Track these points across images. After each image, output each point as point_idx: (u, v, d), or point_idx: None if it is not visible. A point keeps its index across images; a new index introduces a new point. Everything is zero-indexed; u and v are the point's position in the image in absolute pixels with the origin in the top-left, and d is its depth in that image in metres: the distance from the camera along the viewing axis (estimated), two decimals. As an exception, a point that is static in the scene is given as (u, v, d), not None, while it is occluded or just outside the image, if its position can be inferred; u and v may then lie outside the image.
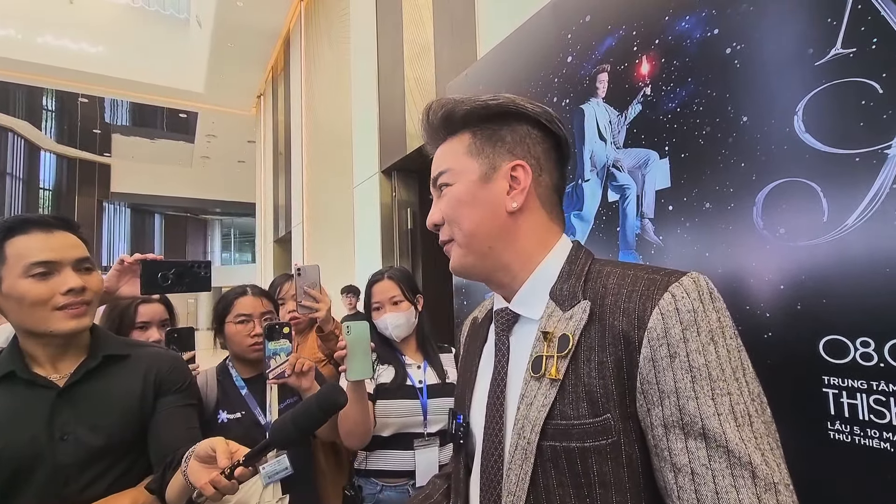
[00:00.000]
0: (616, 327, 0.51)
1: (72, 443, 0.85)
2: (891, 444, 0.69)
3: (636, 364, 0.49)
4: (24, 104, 17.11)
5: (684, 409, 0.46)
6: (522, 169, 0.60)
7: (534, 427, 0.52)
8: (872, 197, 0.71)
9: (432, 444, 1.35)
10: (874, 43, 0.71)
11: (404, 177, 3.25)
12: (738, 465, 0.44)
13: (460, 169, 0.62)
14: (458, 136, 0.63)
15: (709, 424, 0.45)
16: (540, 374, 0.54)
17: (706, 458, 0.45)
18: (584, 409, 0.50)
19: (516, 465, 0.53)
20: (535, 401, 0.53)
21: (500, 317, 0.63)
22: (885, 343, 0.69)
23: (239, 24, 6.91)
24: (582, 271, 0.58)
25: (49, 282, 0.84)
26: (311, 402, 0.75)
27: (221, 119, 11.76)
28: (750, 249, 0.87)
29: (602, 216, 1.21)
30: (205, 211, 23.30)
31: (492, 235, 0.60)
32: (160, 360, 1.02)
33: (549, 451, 0.51)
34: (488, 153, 0.61)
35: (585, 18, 1.28)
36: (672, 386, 0.47)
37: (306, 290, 1.41)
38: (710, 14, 0.95)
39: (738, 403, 0.46)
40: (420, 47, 2.85)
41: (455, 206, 0.61)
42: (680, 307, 0.48)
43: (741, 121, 0.89)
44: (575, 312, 0.54)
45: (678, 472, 0.46)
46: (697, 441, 0.46)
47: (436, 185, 0.64)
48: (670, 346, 0.47)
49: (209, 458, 0.74)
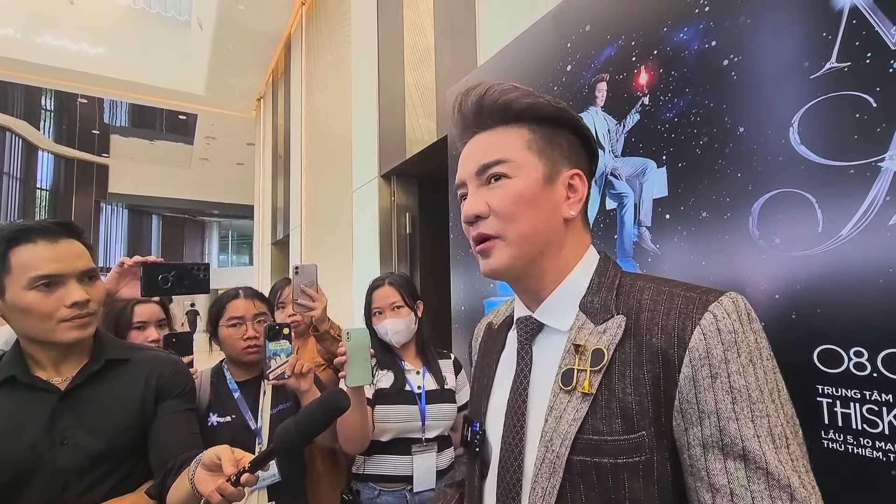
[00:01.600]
0: (654, 345, 0.50)
1: (72, 447, 0.85)
2: (883, 452, 0.69)
3: (675, 382, 0.49)
4: (22, 104, 17.10)
5: (724, 430, 0.46)
6: (580, 178, 0.60)
7: (563, 441, 0.51)
8: (866, 208, 0.72)
9: (430, 450, 1.35)
10: (868, 57, 0.72)
11: (403, 181, 3.26)
12: (776, 488, 0.44)
13: (521, 163, 0.57)
14: (513, 127, 0.59)
15: (749, 446, 0.45)
16: (570, 388, 0.53)
17: (745, 480, 0.45)
18: (618, 426, 0.50)
19: (543, 479, 0.52)
20: (566, 414, 0.52)
21: (524, 325, 0.62)
22: (879, 353, 0.70)
23: (240, 26, 6.93)
24: (613, 284, 0.58)
25: (54, 294, 0.84)
26: (314, 406, 0.75)
27: (221, 121, 11.77)
28: (746, 259, 0.88)
29: (600, 224, 1.22)
30: (203, 213, 23.28)
31: (544, 241, 0.58)
32: (161, 364, 1.02)
33: (579, 466, 0.50)
34: (549, 155, 0.59)
35: (585, 28, 1.30)
36: (713, 406, 0.47)
37: (303, 289, 1.41)
38: (708, 26, 0.97)
39: (776, 426, 0.46)
40: (421, 53, 2.87)
41: (515, 201, 0.56)
42: (721, 328, 0.48)
43: (738, 131, 0.90)
44: (609, 327, 0.53)
45: (716, 492, 0.46)
46: (737, 462, 0.46)
47: (482, 174, 0.59)
48: (712, 366, 0.47)
49: (214, 465, 0.74)
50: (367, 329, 1.25)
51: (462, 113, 0.61)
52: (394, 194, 3.24)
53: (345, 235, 3.98)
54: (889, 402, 0.69)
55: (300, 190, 5.80)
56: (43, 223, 0.88)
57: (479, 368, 0.71)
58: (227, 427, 1.24)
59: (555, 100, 0.59)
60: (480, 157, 0.59)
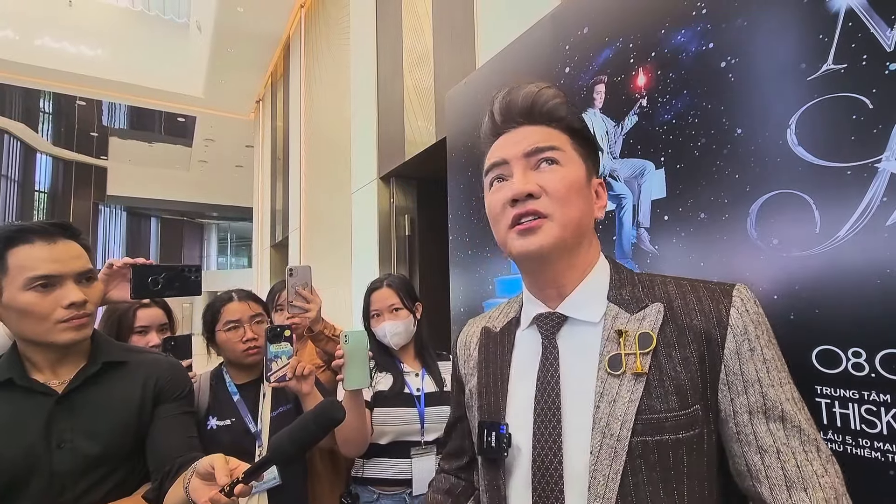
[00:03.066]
0: (696, 326, 0.55)
1: (69, 451, 0.85)
2: (882, 453, 0.69)
3: (719, 357, 0.54)
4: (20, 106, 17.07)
5: (766, 395, 0.52)
6: (602, 188, 0.67)
7: (623, 423, 0.53)
8: (863, 209, 0.73)
9: (429, 453, 1.35)
10: (864, 59, 0.73)
11: (402, 183, 3.26)
12: (807, 442, 0.52)
13: (571, 157, 0.62)
14: (556, 129, 0.64)
15: (786, 408, 0.52)
16: (620, 372, 0.55)
17: (785, 438, 0.51)
18: (674, 402, 0.53)
19: (603, 465, 0.52)
20: (620, 397, 0.54)
21: (546, 321, 0.64)
22: (877, 353, 0.70)
23: (239, 29, 6.93)
24: (633, 280, 0.63)
25: (51, 295, 0.84)
26: (309, 417, 0.74)
27: (220, 123, 11.77)
28: (744, 260, 0.88)
29: (598, 225, 1.22)
30: (201, 215, 23.26)
31: (583, 232, 0.62)
32: (159, 367, 1.01)
33: (640, 447, 0.52)
34: (584, 161, 0.64)
35: (583, 30, 1.30)
36: (755, 376, 0.53)
37: (298, 291, 1.41)
38: (706, 28, 0.97)
39: (794, 391, 0.54)
40: (419, 55, 2.87)
41: (570, 187, 0.60)
42: (748, 308, 0.55)
43: (735, 133, 0.91)
44: (648, 314, 0.58)
45: (764, 452, 0.52)
46: (777, 423, 0.52)
47: (533, 157, 0.61)
48: (749, 340, 0.54)
49: (209, 475, 0.74)
50: (365, 332, 1.25)
51: (509, 106, 0.64)
52: (393, 196, 3.24)
53: (344, 237, 3.97)
54: (887, 403, 0.69)
55: (299, 192, 5.80)
56: (40, 224, 0.87)
57: (487, 372, 0.69)
58: (226, 430, 1.24)
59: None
60: (535, 140, 0.62)
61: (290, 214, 6.39)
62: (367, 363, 1.19)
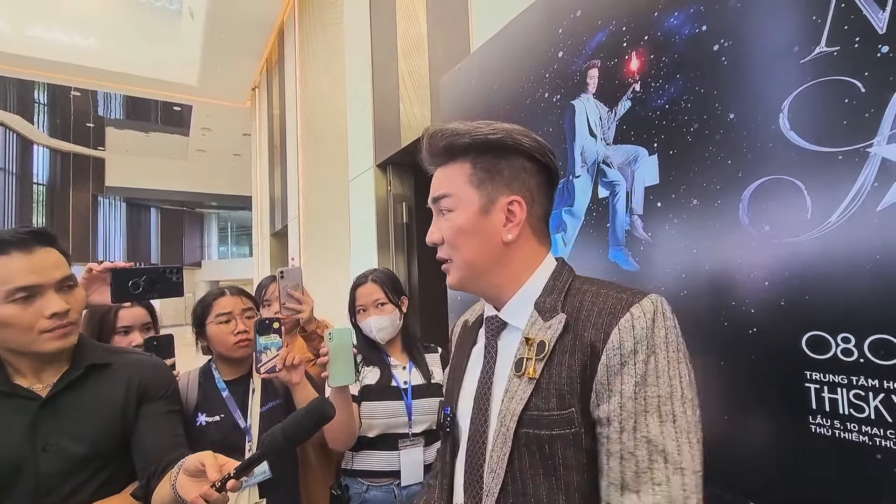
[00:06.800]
0: (585, 338, 0.60)
1: (54, 453, 0.85)
2: (869, 437, 0.70)
3: (595, 368, 0.59)
4: (15, 98, 16.93)
5: (623, 406, 0.57)
6: (518, 204, 0.67)
7: (513, 417, 0.61)
8: (854, 195, 0.72)
9: (417, 444, 1.36)
10: (856, 42, 0.71)
11: (399, 171, 3.24)
12: (654, 451, 0.55)
13: (462, 197, 0.67)
14: (458, 162, 0.69)
15: (639, 421, 0.56)
16: (521, 373, 0.63)
17: (633, 447, 0.56)
18: (554, 403, 0.60)
19: (497, 448, 0.62)
20: (516, 395, 0.62)
21: (491, 323, 0.72)
22: (865, 339, 0.70)
23: (232, 15, 6.82)
24: (564, 287, 0.67)
25: (32, 306, 0.83)
26: (301, 414, 0.76)
27: (216, 112, 11.66)
28: (736, 246, 0.88)
29: (592, 212, 1.22)
30: (201, 204, 23.21)
31: (488, 262, 0.68)
32: (143, 367, 1.01)
33: (524, 437, 0.61)
34: (487, 186, 0.67)
35: (576, 13, 1.28)
36: (619, 387, 0.57)
37: (289, 293, 1.42)
38: (699, 10, 0.95)
39: (665, 405, 0.56)
40: (413, 40, 2.83)
41: (456, 233, 0.67)
42: (635, 325, 0.58)
43: (728, 118, 0.90)
44: (552, 323, 0.63)
45: (611, 455, 0.57)
46: (629, 434, 0.56)
47: (436, 205, 0.70)
48: (622, 356, 0.57)
49: (198, 472, 0.75)
50: (350, 329, 1.25)
51: (423, 151, 0.72)
52: (390, 184, 3.23)
53: (342, 226, 3.97)
54: (875, 388, 0.69)
55: (297, 180, 5.77)
56: (16, 233, 0.85)
57: (455, 361, 0.80)
58: (215, 426, 1.24)
59: (495, 129, 0.67)
60: (433, 190, 0.70)
61: (289, 203, 6.37)
62: (353, 360, 1.20)
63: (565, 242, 1.30)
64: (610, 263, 1.15)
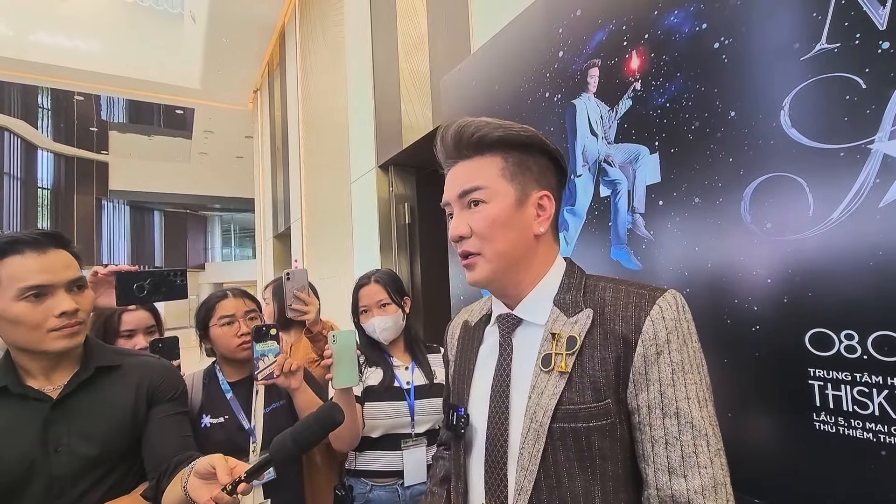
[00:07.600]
0: (616, 331, 0.61)
1: (66, 454, 0.86)
2: (873, 433, 0.70)
3: (631, 359, 0.60)
4: (19, 103, 17.03)
5: (664, 394, 0.59)
6: (548, 198, 0.69)
7: (546, 412, 0.62)
8: (856, 191, 0.72)
9: (420, 444, 1.37)
10: (857, 38, 0.71)
11: (401, 171, 3.24)
12: (698, 436, 0.58)
13: (496, 189, 0.67)
14: (488, 156, 0.68)
15: (681, 405, 0.58)
16: (550, 369, 0.63)
17: (677, 432, 0.58)
18: (589, 396, 0.61)
19: (529, 444, 0.62)
20: (546, 390, 0.63)
21: (504, 321, 0.72)
22: (869, 335, 0.70)
23: (233, 18, 6.83)
24: (580, 284, 0.68)
25: (43, 304, 0.85)
26: (311, 419, 0.77)
27: (218, 115, 11.70)
28: (738, 244, 0.88)
29: (594, 211, 1.22)
30: (204, 207, 23.28)
31: (519, 255, 0.68)
32: (152, 369, 1.02)
33: (559, 432, 0.61)
34: (520, 180, 0.68)
35: (576, 13, 1.28)
36: (657, 376, 0.59)
37: (296, 294, 1.42)
38: (699, 8, 0.95)
39: (701, 391, 0.59)
40: (414, 40, 2.83)
41: (491, 225, 0.66)
42: (665, 316, 0.60)
43: (729, 116, 0.90)
44: (580, 318, 0.64)
45: (656, 442, 0.59)
46: (672, 419, 0.58)
47: (463, 198, 0.68)
48: (658, 345, 0.59)
49: (209, 474, 0.75)
50: (353, 331, 1.26)
51: (444, 144, 0.71)
52: (392, 185, 3.23)
53: (345, 227, 3.98)
54: (879, 384, 0.69)
55: (299, 182, 5.78)
56: (31, 234, 0.88)
57: (460, 361, 0.79)
58: (220, 428, 1.25)
59: (524, 127, 0.68)
60: (461, 183, 0.68)
61: (292, 205, 6.38)
62: (356, 362, 1.20)
63: (567, 241, 1.30)
64: (612, 262, 1.15)
